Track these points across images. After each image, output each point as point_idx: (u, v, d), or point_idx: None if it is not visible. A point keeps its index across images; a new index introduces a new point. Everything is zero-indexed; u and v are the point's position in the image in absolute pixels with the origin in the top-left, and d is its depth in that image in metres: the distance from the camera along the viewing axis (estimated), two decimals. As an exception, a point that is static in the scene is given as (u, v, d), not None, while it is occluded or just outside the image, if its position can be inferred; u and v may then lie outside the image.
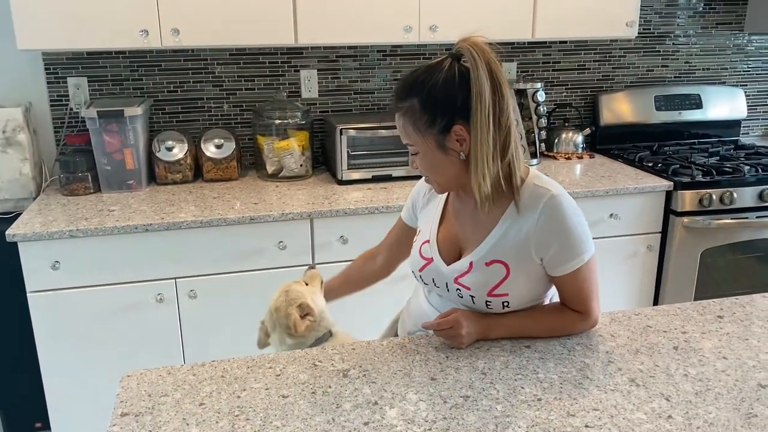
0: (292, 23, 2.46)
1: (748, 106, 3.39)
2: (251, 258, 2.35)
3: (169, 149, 2.64)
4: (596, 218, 2.60)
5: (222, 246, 2.31)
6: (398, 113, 1.34)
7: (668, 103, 3.23)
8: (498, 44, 1.28)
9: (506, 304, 1.37)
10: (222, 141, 2.69)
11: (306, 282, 1.63)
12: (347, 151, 2.63)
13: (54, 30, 2.29)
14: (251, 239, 2.33)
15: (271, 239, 2.35)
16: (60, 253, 2.18)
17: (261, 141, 2.71)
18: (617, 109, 3.20)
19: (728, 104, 3.31)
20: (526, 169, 1.38)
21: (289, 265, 2.38)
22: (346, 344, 1.41)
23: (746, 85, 3.43)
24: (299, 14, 2.46)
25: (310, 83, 2.91)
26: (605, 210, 2.63)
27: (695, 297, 2.75)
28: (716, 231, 2.70)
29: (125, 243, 2.23)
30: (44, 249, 2.17)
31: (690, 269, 2.73)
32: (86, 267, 2.22)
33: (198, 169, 2.74)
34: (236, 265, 2.34)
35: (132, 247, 2.24)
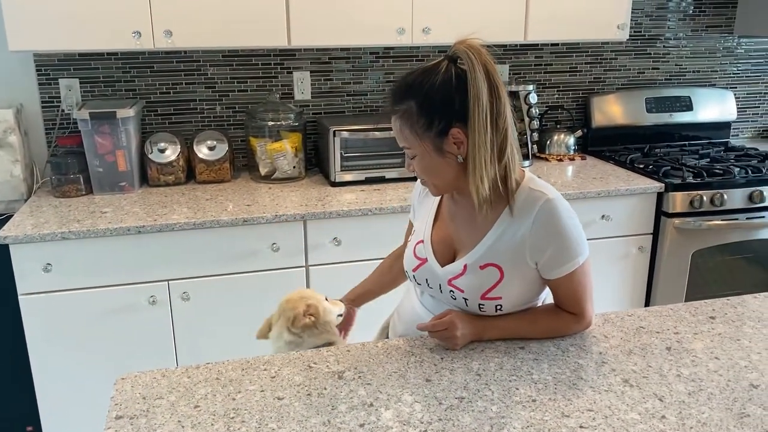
0: (285, 25, 2.46)
1: (738, 109, 3.42)
2: (244, 260, 2.34)
3: (162, 151, 2.63)
4: (588, 220, 2.62)
5: (215, 248, 2.31)
6: (395, 116, 1.33)
7: (659, 105, 3.25)
8: (491, 46, 1.29)
9: (499, 308, 1.38)
10: (215, 143, 2.68)
11: (326, 299, 1.64)
12: (340, 153, 2.63)
13: (46, 31, 2.28)
14: (244, 241, 2.33)
15: (265, 241, 2.35)
16: (52, 256, 2.17)
17: (254, 143, 2.71)
18: (609, 111, 3.22)
19: (718, 106, 3.34)
20: (522, 172, 1.38)
21: (283, 267, 2.38)
22: (341, 346, 1.41)
23: (736, 88, 3.46)
24: (292, 16, 2.46)
25: (303, 85, 2.91)
26: (597, 211, 2.64)
27: (686, 298, 2.77)
28: (707, 232, 2.72)
29: (117, 245, 2.22)
30: (36, 251, 2.16)
31: (681, 270, 2.75)
32: (78, 269, 2.21)
33: (190, 171, 2.73)
34: (229, 267, 2.34)
35: (124, 249, 2.23)
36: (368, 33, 2.55)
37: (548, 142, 3.12)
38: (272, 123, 2.69)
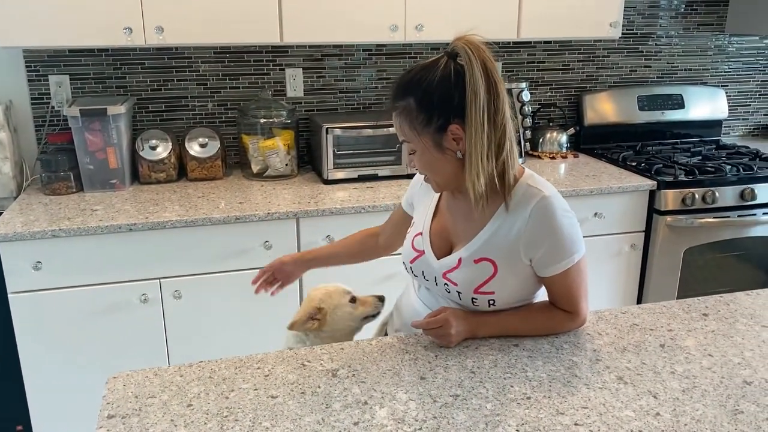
0: (278, 21, 2.45)
1: (729, 107, 3.43)
2: (236, 258, 2.33)
3: (153, 148, 2.61)
4: (581, 217, 2.62)
5: (207, 246, 2.29)
6: (395, 113, 1.34)
7: (651, 103, 3.26)
8: (490, 43, 1.29)
9: (492, 302, 1.38)
10: (206, 140, 2.66)
11: (354, 298, 1.68)
12: (333, 151, 2.62)
13: (35, 27, 2.26)
14: (236, 239, 2.32)
15: (257, 239, 2.34)
16: (42, 254, 2.15)
17: (246, 140, 2.69)
18: (601, 109, 3.22)
19: (710, 104, 3.35)
20: (521, 169, 1.38)
21: (275, 265, 2.36)
22: (335, 344, 1.41)
23: (727, 86, 3.47)
24: (284, 12, 2.45)
25: (296, 82, 2.89)
26: (589, 209, 2.65)
27: (678, 295, 2.78)
28: (699, 230, 2.73)
29: (108, 243, 2.20)
30: (26, 249, 2.14)
31: (673, 267, 2.76)
32: (69, 267, 2.19)
33: (182, 168, 2.72)
34: (221, 265, 2.32)
35: (115, 247, 2.21)
36: (361, 30, 2.54)
37: (541, 140, 3.12)
38: (264, 120, 2.68)
